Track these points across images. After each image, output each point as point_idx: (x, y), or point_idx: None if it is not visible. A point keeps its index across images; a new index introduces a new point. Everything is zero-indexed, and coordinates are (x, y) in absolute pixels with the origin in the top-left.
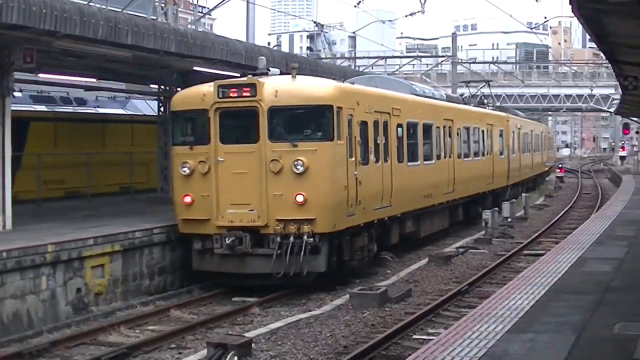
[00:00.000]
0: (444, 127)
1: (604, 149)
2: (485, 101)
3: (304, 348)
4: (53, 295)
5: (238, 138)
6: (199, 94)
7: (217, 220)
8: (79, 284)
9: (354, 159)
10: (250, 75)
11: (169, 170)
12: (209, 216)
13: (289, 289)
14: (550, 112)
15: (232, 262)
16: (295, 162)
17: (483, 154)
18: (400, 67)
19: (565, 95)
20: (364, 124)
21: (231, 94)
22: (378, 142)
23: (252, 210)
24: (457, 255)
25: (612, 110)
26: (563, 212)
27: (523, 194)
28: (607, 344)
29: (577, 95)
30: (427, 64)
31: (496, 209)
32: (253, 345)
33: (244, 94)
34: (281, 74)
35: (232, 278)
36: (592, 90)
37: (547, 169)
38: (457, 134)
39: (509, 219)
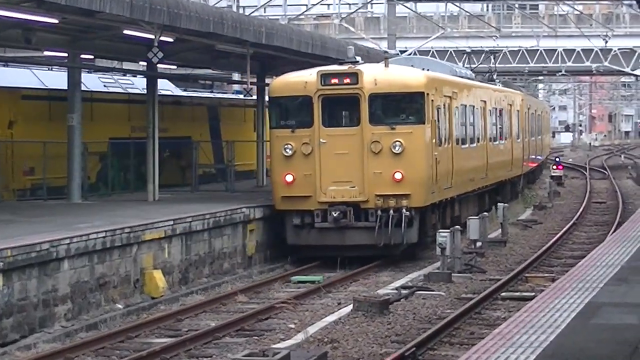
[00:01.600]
0: (481, 108)
1: (626, 132)
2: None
3: None
4: None
5: (339, 122)
6: (301, 82)
7: (319, 196)
8: None
9: (434, 140)
10: (351, 65)
11: None
12: (311, 193)
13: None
14: (541, 77)
15: (332, 235)
16: (394, 144)
17: (505, 138)
18: (308, 9)
19: (565, 51)
20: (438, 108)
21: (332, 82)
22: (445, 124)
23: (354, 187)
24: (398, 300)
25: (638, 72)
26: (562, 231)
27: (500, 205)
28: None
29: (583, 49)
30: (349, 4)
31: (457, 227)
32: None
33: (346, 82)
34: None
35: (330, 250)
36: (606, 42)
37: (537, 163)
38: (490, 115)
39: (478, 243)
